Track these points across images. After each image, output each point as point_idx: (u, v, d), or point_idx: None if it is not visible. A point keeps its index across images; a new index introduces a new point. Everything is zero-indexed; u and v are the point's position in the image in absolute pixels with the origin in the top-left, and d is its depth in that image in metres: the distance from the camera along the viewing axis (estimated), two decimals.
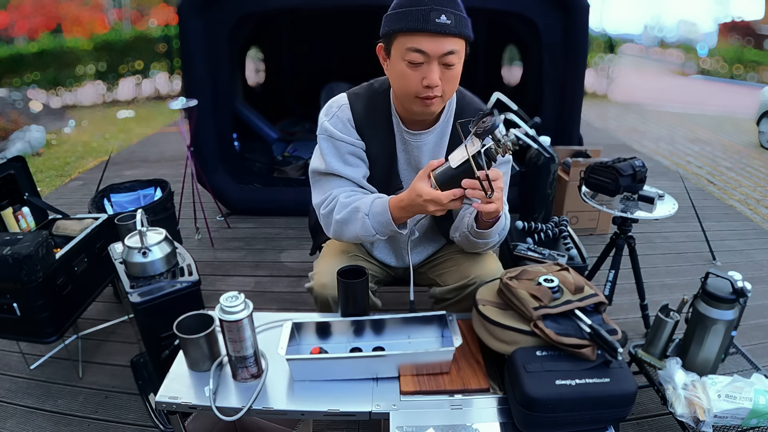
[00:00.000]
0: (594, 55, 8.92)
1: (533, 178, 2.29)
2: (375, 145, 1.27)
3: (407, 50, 1.07)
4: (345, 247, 1.45)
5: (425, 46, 1.05)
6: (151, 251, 1.40)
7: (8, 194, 1.96)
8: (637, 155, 2.08)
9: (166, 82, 9.14)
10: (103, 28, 11.86)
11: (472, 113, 1.25)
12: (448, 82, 1.12)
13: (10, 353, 1.98)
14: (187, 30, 2.90)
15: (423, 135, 1.26)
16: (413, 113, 1.20)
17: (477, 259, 1.38)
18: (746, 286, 1.29)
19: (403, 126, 1.26)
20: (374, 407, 1.01)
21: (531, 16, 2.94)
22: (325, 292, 1.29)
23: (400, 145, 1.29)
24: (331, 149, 1.25)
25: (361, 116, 1.26)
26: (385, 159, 1.29)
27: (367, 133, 1.26)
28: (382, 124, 1.27)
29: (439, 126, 1.27)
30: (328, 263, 1.35)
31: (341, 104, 1.27)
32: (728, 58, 14.79)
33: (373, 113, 1.26)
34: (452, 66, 1.09)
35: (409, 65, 1.08)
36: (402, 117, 1.25)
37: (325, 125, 1.26)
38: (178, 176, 3.20)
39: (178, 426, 1.11)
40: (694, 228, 3.04)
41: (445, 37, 1.05)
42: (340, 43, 4.73)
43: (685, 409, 1.20)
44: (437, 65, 1.08)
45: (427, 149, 1.28)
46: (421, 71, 1.08)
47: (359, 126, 1.26)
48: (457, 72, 1.12)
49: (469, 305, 1.35)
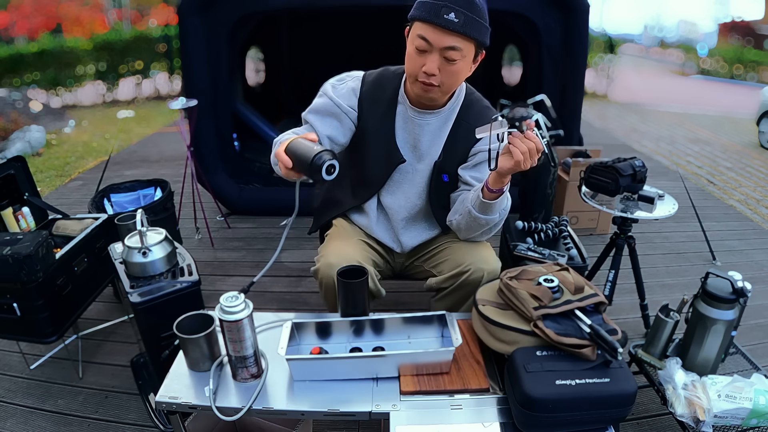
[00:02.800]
0: (594, 55, 8.92)
1: (533, 178, 2.29)
2: (373, 118, 1.38)
3: (417, 36, 1.18)
4: (350, 232, 1.51)
5: (430, 36, 1.16)
6: (151, 251, 1.40)
7: (8, 194, 1.96)
8: (637, 155, 2.08)
9: (166, 82, 9.13)
10: (103, 28, 11.86)
11: (477, 109, 1.37)
12: (447, 75, 1.21)
13: (10, 353, 1.98)
14: (187, 30, 2.90)
15: (428, 116, 1.36)
16: (415, 94, 1.30)
17: (471, 246, 1.42)
18: (746, 286, 1.29)
19: (409, 104, 1.35)
20: (374, 407, 1.01)
21: (531, 16, 2.94)
22: (332, 272, 1.31)
23: (401, 123, 1.39)
24: (317, 103, 1.38)
25: (368, 89, 1.38)
26: (382, 134, 1.39)
27: (367, 106, 1.38)
28: (385, 101, 1.38)
29: (445, 112, 1.36)
30: (334, 245, 1.42)
31: (355, 76, 1.41)
32: (728, 58, 14.78)
33: (380, 89, 1.38)
34: (454, 61, 1.18)
35: (416, 50, 1.20)
36: (410, 97, 1.35)
37: (326, 85, 1.40)
38: (178, 176, 3.20)
39: (178, 426, 1.11)
40: (694, 228, 3.04)
41: (449, 32, 1.14)
42: (341, 43, 4.73)
43: (685, 409, 1.20)
44: (439, 56, 1.18)
45: (428, 129, 1.37)
46: (424, 58, 1.19)
47: (362, 98, 1.38)
48: (458, 68, 1.20)
49: (465, 294, 1.38)
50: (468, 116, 1.36)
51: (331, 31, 4.83)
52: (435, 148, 1.39)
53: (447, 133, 1.37)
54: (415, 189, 1.44)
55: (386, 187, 1.46)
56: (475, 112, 1.37)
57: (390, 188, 1.46)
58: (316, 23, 4.97)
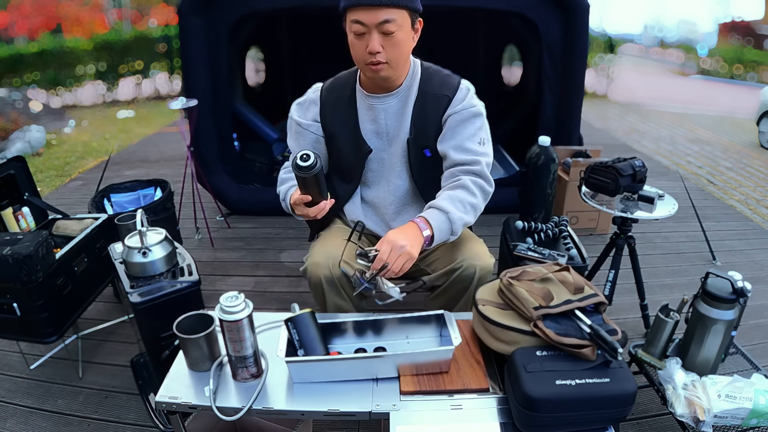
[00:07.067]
0: (594, 55, 8.91)
1: (533, 178, 2.29)
2: (337, 119, 1.43)
3: (351, 23, 1.22)
4: (340, 232, 1.51)
5: (362, 17, 1.20)
6: (151, 251, 1.40)
7: (8, 194, 1.96)
8: (637, 155, 2.08)
9: (166, 82, 9.13)
10: (103, 28, 11.85)
11: (439, 78, 1.39)
12: (391, 48, 1.24)
13: (10, 353, 1.98)
14: (187, 30, 2.90)
15: (386, 98, 1.38)
16: (369, 80, 1.35)
17: (463, 243, 1.42)
18: (746, 286, 1.29)
19: (366, 93, 1.40)
20: (374, 407, 1.01)
21: (531, 16, 2.94)
22: (318, 272, 1.36)
23: (365, 112, 1.42)
24: (290, 127, 1.49)
25: (327, 96, 1.44)
26: (349, 128, 1.43)
27: (329, 111, 1.43)
28: (344, 97, 1.43)
29: (403, 90, 1.38)
30: (321, 244, 1.44)
31: (315, 88, 1.48)
32: (728, 58, 14.77)
33: (338, 91, 1.44)
34: (392, 34, 1.21)
35: (356, 36, 1.24)
36: (365, 86, 1.40)
37: (292, 108, 1.49)
38: (178, 176, 3.20)
39: (178, 426, 1.11)
40: (694, 228, 3.04)
41: (378, 8, 1.18)
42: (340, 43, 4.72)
43: (685, 409, 1.20)
44: (377, 34, 1.21)
45: (392, 111, 1.40)
46: (365, 40, 1.23)
47: (323, 105, 1.44)
48: (399, 39, 1.23)
49: (459, 290, 1.39)
50: (430, 87, 1.37)
51: (331, 31, 4.82)
52: (403, 127, 1.40)
53: (411, 109, 1.38)
54: (395, 171, 1.45)
55: (367, 179, 1.49)
56: (437, 81, 1.38)
57: (372, 180, 1.49)
58: (316, 23, 4.97)
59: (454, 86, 1.37)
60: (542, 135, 2.34)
